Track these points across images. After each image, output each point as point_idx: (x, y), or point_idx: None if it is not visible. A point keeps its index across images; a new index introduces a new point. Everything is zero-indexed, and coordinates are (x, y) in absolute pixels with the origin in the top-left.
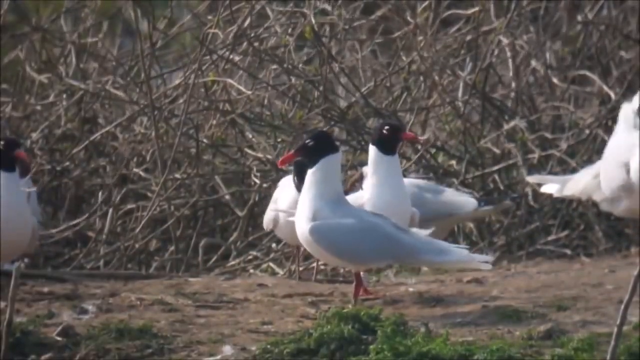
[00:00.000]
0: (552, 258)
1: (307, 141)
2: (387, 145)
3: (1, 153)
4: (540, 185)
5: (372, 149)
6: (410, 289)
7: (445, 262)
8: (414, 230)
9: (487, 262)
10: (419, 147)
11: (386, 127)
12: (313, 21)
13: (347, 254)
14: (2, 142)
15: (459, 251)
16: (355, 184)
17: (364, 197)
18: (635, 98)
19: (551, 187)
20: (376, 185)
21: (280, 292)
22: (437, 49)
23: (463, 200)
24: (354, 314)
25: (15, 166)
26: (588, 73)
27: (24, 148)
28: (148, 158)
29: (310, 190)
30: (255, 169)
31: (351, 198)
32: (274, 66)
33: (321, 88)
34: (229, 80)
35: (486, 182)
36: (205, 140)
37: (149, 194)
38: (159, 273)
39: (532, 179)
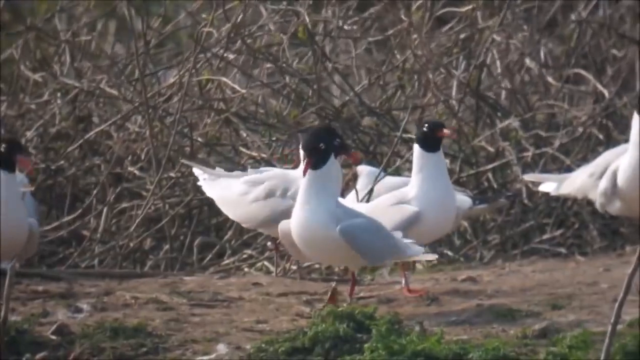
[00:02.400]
0: (546, 257)
1: (319, 145)
2: (429, 143)
3: (2, 154)
4: (536, 184)
5: (415, 148)
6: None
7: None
8: None
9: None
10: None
11: (426, 125)
12: (307, 19)
13: (373, 252)
14: (4, 145)
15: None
16: (349, 184)
17: (408, 194)
18: None
19: (548, 185)
20: (422, 183)
21: (275, 291)
22: (431, 47)
23: (458, 198)
24: (348, 312)
25: (15, 167)
26: (582, 72)
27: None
28: (143, 157)
29: (319, 192)
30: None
31: (395, 195)
32: (268, 65)
33: (315, 87)
34: (224, 79)
35: (480, 180)
36: (199, 139)
37: (144, 193)
38: (154, 272)
39: (528, 177)
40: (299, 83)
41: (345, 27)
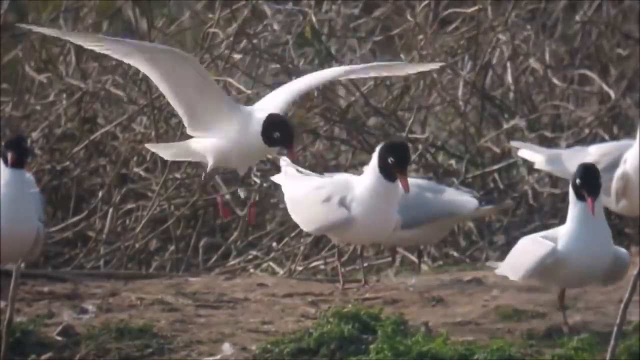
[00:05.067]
0: None
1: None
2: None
3: (10, 151)
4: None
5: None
6: (410, 289)
7: None
8: None
9: None
10: (419, 146)
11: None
12: (314, 19)
13: None
14: (12, 144)
15: None
16: None
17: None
18: None
19: (533, 156)
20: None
21: (280, 292)
22: (436, 48)
23: (464, 199)
24: (354, 313)
25: (23, 164)
26: (588, 72)
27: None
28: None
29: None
30: (255, 168)
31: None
32: (274, 65)
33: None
34: (229, 79)
35: (486, 181)
36: None
37: (149, 194)
38: (159, 273)
39: (514, 144)
40: None
41: (351, 26)
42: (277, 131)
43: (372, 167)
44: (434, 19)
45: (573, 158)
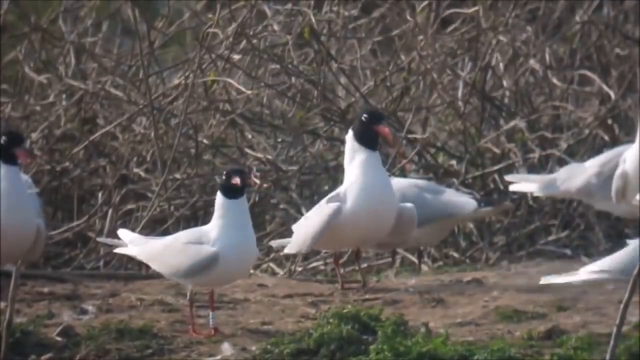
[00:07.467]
0: (552, 258)
1: None
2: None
3: (3, 147)
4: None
5: (218, 195)
6: (411, 289)
7: None
8: None
9: None
10: (418, 146)
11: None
12: (313, 20)
13: None
14: (5, 137)
15: None
16: None
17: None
18: None
19: (528, 186)
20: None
21: (280, 293)
22: (436, 49)
23: (463, 200)
24: (354, 314)
25: (16, 160)
26: (588, 73)
27: (26, 146)
28: (148, 158)
29: None
30: (255, 169)
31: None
32: (273, 65)
33: (320, 88)
34: (229, 80)
35: (486, 182)
36: (205, 141)
37: (149, 194)
38: (159, 273)
39: (509, 178)
40: (304, 84)
41: (351, 26)
42: None
43: (349, 150)
44: (434, 20)
45: (571, 176)
